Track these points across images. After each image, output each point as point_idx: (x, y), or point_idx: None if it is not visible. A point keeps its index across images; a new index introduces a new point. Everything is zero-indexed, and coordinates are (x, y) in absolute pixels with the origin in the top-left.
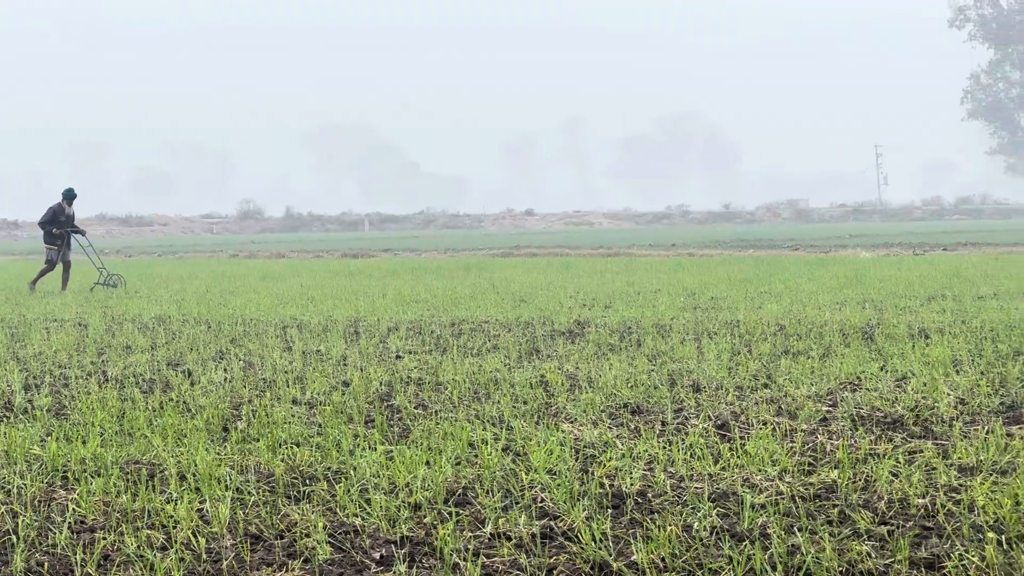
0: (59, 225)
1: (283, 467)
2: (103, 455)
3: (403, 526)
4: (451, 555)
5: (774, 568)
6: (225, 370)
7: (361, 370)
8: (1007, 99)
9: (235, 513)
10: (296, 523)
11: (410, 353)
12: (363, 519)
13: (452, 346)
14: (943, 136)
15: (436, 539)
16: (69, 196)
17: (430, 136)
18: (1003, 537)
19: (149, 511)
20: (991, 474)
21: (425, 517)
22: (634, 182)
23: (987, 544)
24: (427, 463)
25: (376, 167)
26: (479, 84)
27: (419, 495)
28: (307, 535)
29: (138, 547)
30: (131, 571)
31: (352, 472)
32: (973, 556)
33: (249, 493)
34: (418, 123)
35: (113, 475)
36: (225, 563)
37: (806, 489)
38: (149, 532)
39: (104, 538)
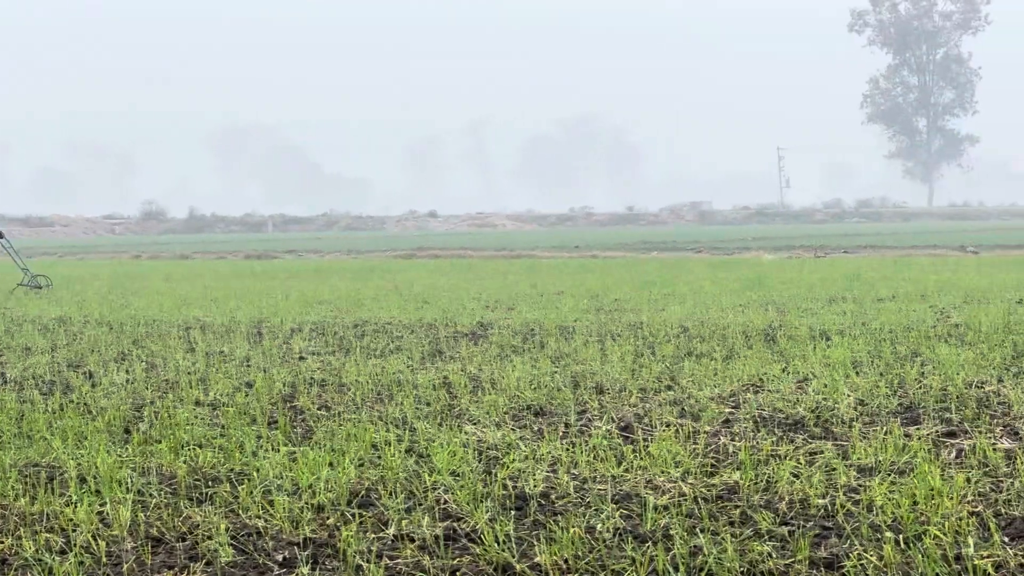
0: None
1: (185, 469)
2: (0, 458)
3: (306, 528)
4: (354, 557)
5: (676, 569)
6: (127, 371)
7: (264, 371)
8: (905, 103)
9: (136, 515)
10: (198, 525)
11: (313, 354)
12: (266, 521)
13: (355, 347)
14: (843, 139)
15: (339, 541)
16: None
17: (333, 137)
18: (900, 537)
19: (48, 514)
20: (889, 474)
21: (328, 519)
22: (538, 184)
23: (885, 544)
24: (330, 464)
25: (279, 168)
26: (382, 85)
27: (322, 496)
28: (209, 537)
29: (36, 551)
30: (29, 575)
31: (255, 474)
32: (871, 555)
33: (151, 495)
34: (321, 124)
35: (11, 478)
36: (126, 566)
37: (708, 490)
38: (48, 535)
39: (1, 542)
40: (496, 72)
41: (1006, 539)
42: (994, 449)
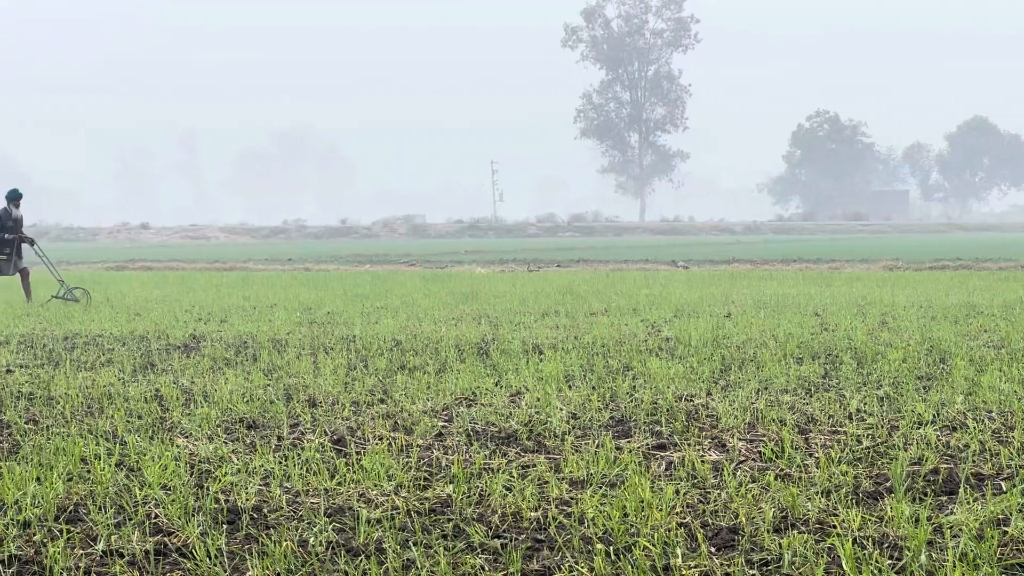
0: (7, 231)
1: None
2: None
3: (11, 545)
4: (61, 574)
5: None
6: None
7: None
8: (618, 119)
9: None
10: None
11: (21, 367)
12: None
13: (65, 360)
14: (557, 154)
15: (46, 558)
16: (14, 197)
17: (43, 147)
18: (611, 548)
19: None
20: (601, 487)
21: (35, 535)
22: (251, 196)
23: (596, 555)
24: (37, 479)
25: None
26: (92, 90)
27: (29, 512)
28: None
29: None
30: None
31: None
32: (583, 567)
33: None
34: (30, 132)
35: None
36: None
37: (421, 503)
38: None
39: None
40: (207, 81)
41: (713, 549)
42: (702, 461)
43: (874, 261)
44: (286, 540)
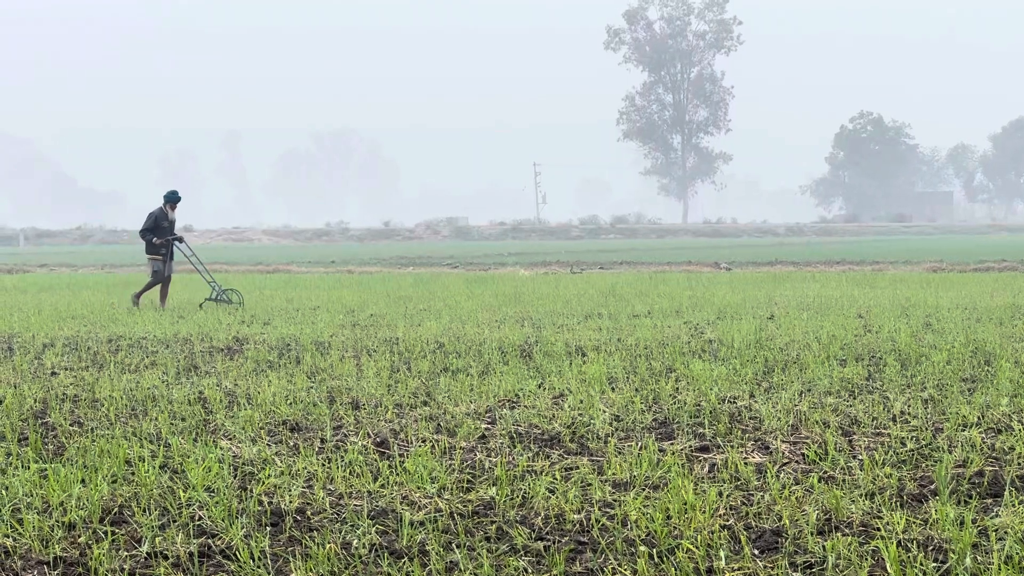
0: (161, 232)
1: None
2: None
3: (56, 546)
4: (106, 575)
5: None
6: None
7: (15, 387)
8: (660, 121)
9: None
10: None
11: (66, 369)
12: (15, 540)
13: (109, 362)
14: (600, 156)
15: (91, 559)
16: (172, 199)
17: (86, 149)
18: (654, 551)
19: None
20: (644, 489)
21: (80, 537)
22: (293, 198)
23: (639, 557)
24: (82, 481)
25: (30, 181)
26: (134, 94)
27: (74, 514)
28: None
29: None
30: None
31: (3, 492)
32: (626, 570)
33: None
34: (75, 136)
35: None
36: None
37: (464, 506)
38: None
39: None
40: (249, 84)
41: (756, 551)
42: (745, 463)
43: (918, 263)
44: (329, 542)
